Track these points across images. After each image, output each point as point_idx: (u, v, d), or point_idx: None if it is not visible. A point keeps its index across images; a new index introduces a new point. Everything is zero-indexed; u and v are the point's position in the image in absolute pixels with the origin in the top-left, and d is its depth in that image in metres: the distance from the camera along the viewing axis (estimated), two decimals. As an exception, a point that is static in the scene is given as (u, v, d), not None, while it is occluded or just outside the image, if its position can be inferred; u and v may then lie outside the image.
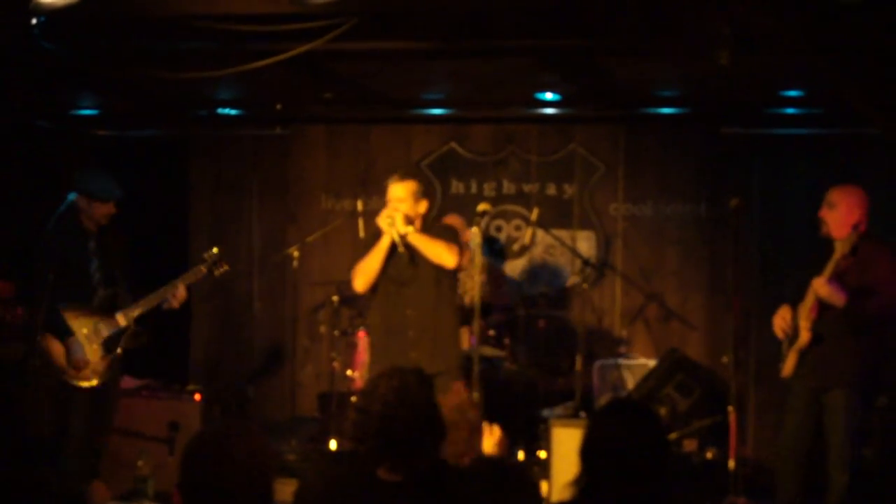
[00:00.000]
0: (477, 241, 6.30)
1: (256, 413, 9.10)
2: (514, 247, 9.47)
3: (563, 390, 8.52)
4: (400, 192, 6.28)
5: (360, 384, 7.90)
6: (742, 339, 7.64)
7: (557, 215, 9.29)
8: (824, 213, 6.22)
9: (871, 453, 7.12)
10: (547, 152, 9.39)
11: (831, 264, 6.05)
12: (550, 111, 9.09)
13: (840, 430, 6.17)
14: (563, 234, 9.21)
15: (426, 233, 6.32)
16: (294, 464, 7.67)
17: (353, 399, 3.89)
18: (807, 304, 6.16)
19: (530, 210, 8.94)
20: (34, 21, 5.59)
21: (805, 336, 6.15)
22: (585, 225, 9.31)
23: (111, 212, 6.73)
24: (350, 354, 8.37)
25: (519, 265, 9.45)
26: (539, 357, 8.86)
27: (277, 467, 6.85)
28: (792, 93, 8.20)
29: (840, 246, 6.06)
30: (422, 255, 6.29)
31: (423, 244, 6.28)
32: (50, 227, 6.63)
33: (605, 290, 9.26)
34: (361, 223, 8.66)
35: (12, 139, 8.85)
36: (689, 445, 7.63)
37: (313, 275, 9.43)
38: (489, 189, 9.47)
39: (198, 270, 6.88)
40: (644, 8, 5.67)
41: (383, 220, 6.26)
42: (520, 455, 7.77)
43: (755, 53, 5.97)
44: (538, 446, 7.62)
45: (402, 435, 3.53)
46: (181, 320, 9.79)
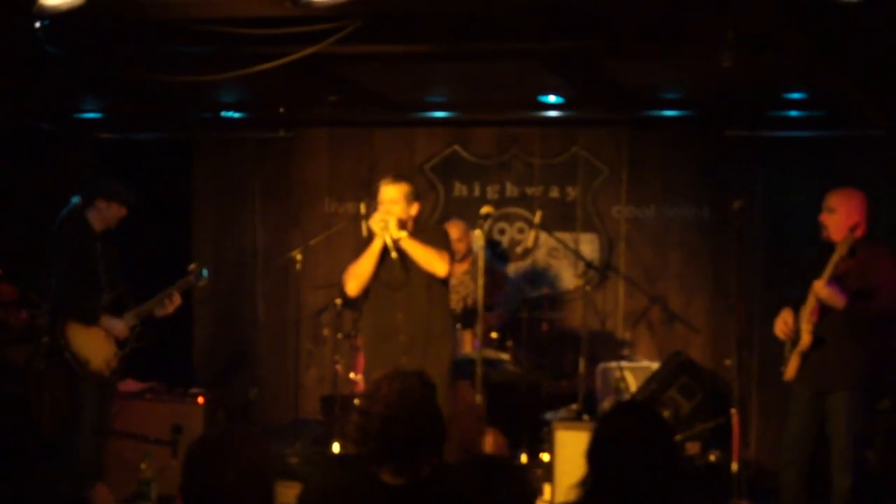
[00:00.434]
0: (480, 244, 6.29)
1: (259, 416, 9.10)
2: (517, 249, 9.47)
3: (566, 393, 8.51)
4: (393, 194, 6.29)
5: (363, 387, 7.89)
6: (745, 342, 7.64)
7: (560, 218, 9.28)
8: (824, 218, 6.22)
9: (874, 456, 7.11)
10: (550, 155, 9.39)
11: (830, 266, 6.06)
12: (553, 114, 9.08)
13: (842, 432, 6.16)
14: (567, 236, 9.20)
15: (419, 235, 6.32)
16: (297, 467, 7.67)
17: (356, 402, 3.89)
18: (808, 306, 6.16)
19: (533, 213, 8.94)
20: (38, 24, 5.60)
21: (806, 339, 6.15)
22: (588, 228, 9.31)
23: (123, 215, 6.93)
24: (353, 357, 8.36)
25: (522, 268, 9.44)
26: (542, 360, 8.86)
27: (280, 471, 6.86)
28: (795, 95, 8.19)
29: (838, 248, 6.07)
30: (413, 260, 6.29)
31: (415, 250, 6.28)
32: (56, 230, 6.68)
33: (608, 293, 9.25)
34: (365, 226, 8.65)
35: (16, 142, 8.86)
36: (693, 448, 7.62)
37: (316, 278, 9.43)
38: (492, 192, 9.47)
39: (187, 280, 7.23)
40: (647, 10, 5.67)
41: (376, 223, 6.27)
42: (523, 458, 7.77)
43: (758, 56, 5.97)
44: (541, 449, 7.62)
45: (403, 437, 3.53)
46: (184, 323, 9.82)
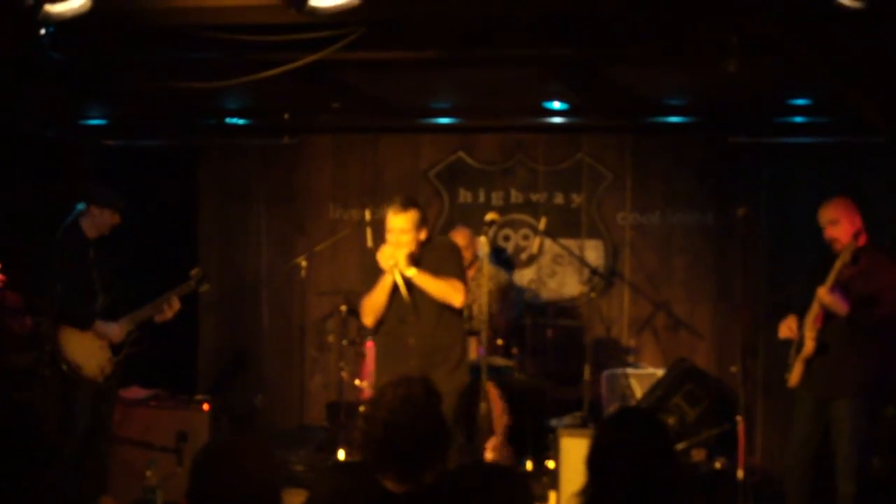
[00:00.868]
0: (485, 251, 6.28)
1: (264, 423, 9.09)
2: (522, 256, 9.47)
3: (572, 400, 8.51)
4: (402, 224, 6.09)
5: (368, 393, 7.89)
6: (750, 349, 7.64)
7: (565, 224, 9.29)
8: (830, 231, 6.23)
9: (879, 463, 7.11)
10: (554, 161, 9.39)
11: (833, 273, 6.07)
12: (558, 120, 9.08)
13: (846, 439, 6.17)
14: (571, 243, 9.21)
15: (431, 254, 6.22)
16: (302, 474, 7.68)
17: (361, 408, 3.89)
18: (812, 313, 6.17)
19: (538, 219, 8.94)
20: (43, 31, 5.60)
21: (810, 345, 6.16)
22: (593, 234, 9.31)
23: (117, 222, 6.93)
24: (358, 364, 8.38)
25: (527, 274, 9.44)
26: (547, 366, 8.86)
27: (285, 477, 6.85)
28: (799, 101, 8.19)
29: (841, 255, 6.08)
30: (425, 292, 6.20)
31: (429, 285, 6.15)
32: (58, 238, 6.70)
33: (613, 300, 9.26)
34: (369, 233, 8.67)
35: (21, 149, 8.87)
36: (698, 455, 7.61)
37: (321, 284, 9.44)
38: (497, 198, 9.47)
39: (187, 285, 7.16)
40: (651, 17, 5.67)
41: (385, 260, 6.09)
42: (528, 465, 7.77)
43: (762, 62, 5.97)
44: (546, 456, 7.62)
45: (405, 443, 3.54)
46: (189, 330, 9.82)
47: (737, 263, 6.40)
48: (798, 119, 8.60)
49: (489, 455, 7.29)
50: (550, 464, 7.40)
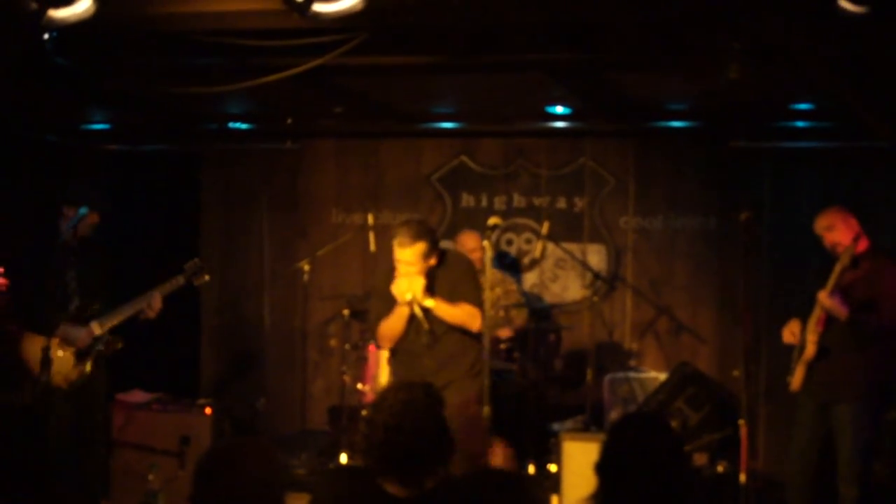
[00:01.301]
0: (489, 256, 6.27)
1: (267, 427, 9.10)
2: (525, 260, 9.47)
3: (574, 404, 8.51)
4: (408, 257, 6.01)
5: (370, 398, 7.89)
6: (752, 353, 7.62)
7: (568, 229, 9.29)
8: (829, 238, 6.25)
9: (881, 468, 7.10)
10: (557, 166, 9.40)
11: (833, 277, 6.09)
12: (560, 125, 9.08)
13: (848, 444, 6.17)
14: (574, 247, 9.22)
15: (446, 274, 6.17)
16: (304, 478, 7.68)
17: (363, 413, 3.90)
18: (813, 317, 6.18)
19: (541, 223, 8.94)
20: (46, 36, 5.61)
21: (811, 349, 6.17)
22: (596, 238, 9.31)
23: (96, 221, 6.81)
24: (360, 368, 8.37)
25: (529, 279, 9.44)
26: (549, 370, 8.86)
27: (288, 482, 6.85)
28: (802, 106, 8.19)
29: (840, 258, 6.10)
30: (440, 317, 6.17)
31: (447, 314, 6.12)
32: (30, 242, 6.66)
33: (615, 304, 9.26)
34: (372, 237, 8.67)
35: (24, 154, 8.87)
36: (700, 459, 7.61)
37: (324, 289, 9.44)
38: (499, 202, 9.48)
39: (175, 281, 6.98)
40: (653, 22, 5.68)
41: (402, 294, 6.04)
42: (530, 469, 7.77)
43: (764, 67, 5.97)
44: (549, 460, 7.62)
45: (406, 447, 3.55)
46: (192, 334, 9.84)
47: (739, 268, 6.37)
48: (801, 124, 8.59)
49: (494, 460, 7.28)
50: (553, 468, 7.40)
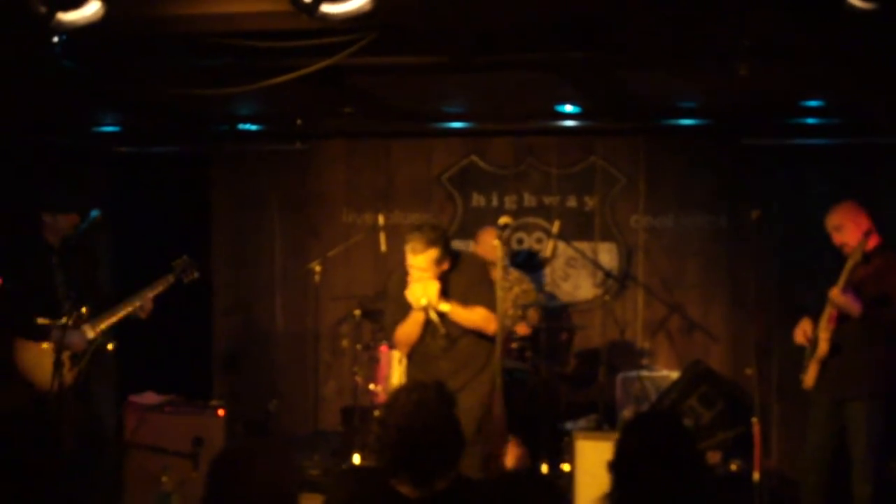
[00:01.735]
0: (500, 255, 6.25)
1: (279, 428, 9.10)
2: (536, 259, 9.47)
3: (586, 403, 8.51)
4: (422, 263, 6.02)
5: (382, 398, 7.89)
6: (765, 351, 7.62)
7: (578, 227, 9.28)
8: (837, 238, 6.24)
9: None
10: (567, 164, 9.39)
11: (845, 273, 6.08)
12: (571, 123, 9.07)
13: (862, 441, 6.16)
14: (585, 246, 9.21)
15: (461, 277, 6.18)
16: (317, 479, 7.68)
17: (375, 413, 3.89)
18: (825, 314, 6.17)
19: (551, 222, 8.94)
20: (56, 39, 5.62)
21: (824, 347, 6.16)
22: (607, 237, 9.30)
23: (76, 222, 6.77)
24: (372, 368, 8.37)
25: (540, 278, 9.44)
26: (562, 370, 8.85)
27: (301, 483, 6.86)
28: (812, 103, 8.17)
29: (852, 255, 6.08)
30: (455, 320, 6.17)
31: (462, 318, 6.13)
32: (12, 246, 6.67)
33: (627, 302, 9.25)
34: (383, 237, 8.67)
35: (34, 157, 8.89)
36: (713, 457, 7.61)
37: (335, 289, 9.44)
38: (510, 202, 9.47)
39: (166, 280, 6.92)
40: (663, 20, 5.67)
41: (417, 299, 6.05)
42: (543, 468, 7.76)
43: (774, 64, 5.96)
44: (562, 459, 7.61)
45: (418, 447, 3.55)
46: (204, 335, 9.85)
47: (750, 265, 6.37)
48: (811, 121, 8.57)
49: (507, 461, 7.27)
50: (566, 467, 7.39)
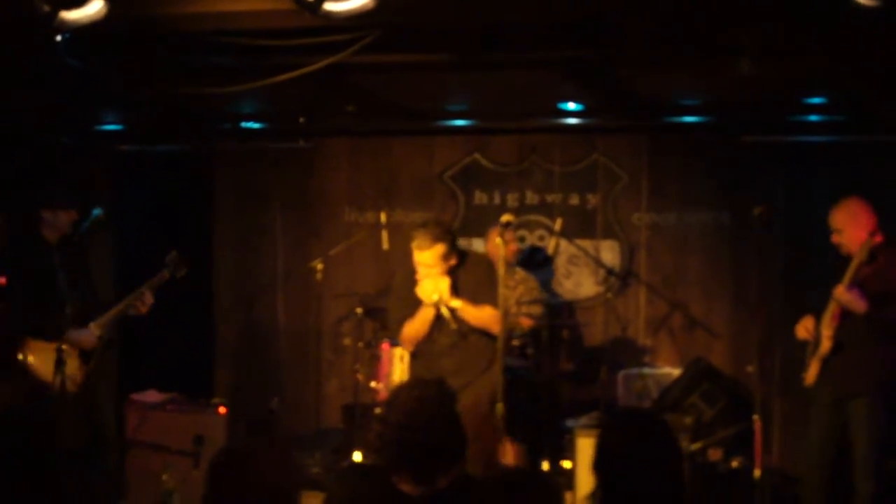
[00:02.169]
0: (500, 254, 6.25)
1: (281, 426, 9.08)
2: (538, 257, 9.47)
3: (588, 400, 8.50)
4: (428, 259, 6.04)
5: (384, 396, 7.89)
6: (767, 348, 7.61)
7: (581, 225, 9.28)
8: (835, 239, 6.25)
9: (898, 462, 7.08)
10: (570, 162, 9.38)
11: (850, 271, 6.07)
12: (573, 121, 9.06)
13: (864, 439, 6.15)
14: (587, 243, 9.21)
15: (465, 275, 6.19)
16: (318, 476, 7.69)
17: (377, 410, 3.90)
18: (829, 312, 6.17)
19: (553, 220, 8.94)
20: (59, 38, 5.63)
21: (826, 344, 6.16)
22: (609, 234, 9.30)
23: (75, 219, 6.80)
24: (374, 366, 8.37)
25: (542, 275, 9.43)
26: (563, 367, 8.85)
27: (302, 480, 6.86)
28: (814, 100, 8.17)
29: (858, 253, 6.08)
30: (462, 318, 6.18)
31: (471, 316, 6.14)
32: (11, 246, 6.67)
33: (629, 300, 9.24)
34: (385, 235, 8.69)
35: (37, 155, 8.89)
36: (715, 455, 7.60)
37: (337, 287, 9.44)
38: (512, 199, 9.46)
39: (161, 275, 6.92)
40: (665, 18, 5.67)
41: (428, 295, 6.06)
42: (544, 465, 7.76)
43: (776, 61, 5.96)
44: (563, 456, 7.62)
45: (419, 445, 3.55)
46: (205, 334, 9.85)
47: (753, 263, 6.38)
48: (813, 117, 8.56)
49: (506, 459, 7.27)
50: (567, 464, 7.40)
